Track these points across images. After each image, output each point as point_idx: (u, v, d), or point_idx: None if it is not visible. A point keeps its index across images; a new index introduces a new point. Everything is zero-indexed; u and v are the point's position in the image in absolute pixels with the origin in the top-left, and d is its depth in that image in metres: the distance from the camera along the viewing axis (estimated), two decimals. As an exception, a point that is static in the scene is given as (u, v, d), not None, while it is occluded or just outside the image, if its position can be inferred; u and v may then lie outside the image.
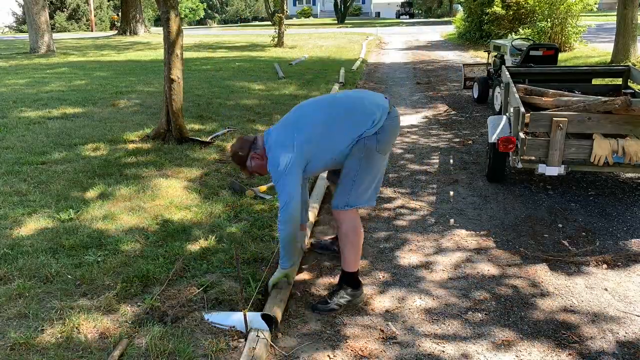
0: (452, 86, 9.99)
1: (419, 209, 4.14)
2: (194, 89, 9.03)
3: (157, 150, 5.34)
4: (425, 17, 52.27)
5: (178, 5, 5.62)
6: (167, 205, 3.93)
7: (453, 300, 2.85)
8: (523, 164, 4.05)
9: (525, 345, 2.47)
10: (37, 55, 15.90)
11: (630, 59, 10.19)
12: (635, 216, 3.89)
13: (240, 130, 6.22)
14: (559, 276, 3.08)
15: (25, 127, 6.28)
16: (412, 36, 24.34)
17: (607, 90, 5.66)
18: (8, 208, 3.83)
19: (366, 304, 2.82)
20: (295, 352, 2.42)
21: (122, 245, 3.27)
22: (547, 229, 3.71)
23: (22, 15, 34.53)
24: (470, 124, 6.92)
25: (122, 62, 14.02)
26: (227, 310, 2.62)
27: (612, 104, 3.78)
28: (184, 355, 2.28)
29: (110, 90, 9.06)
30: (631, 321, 2.64)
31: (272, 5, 32.51)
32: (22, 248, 3.19)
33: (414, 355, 2.41)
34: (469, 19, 19.46)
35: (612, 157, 3.84)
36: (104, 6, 40.22)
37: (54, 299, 2.67)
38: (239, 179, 4.44)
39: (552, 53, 6.90)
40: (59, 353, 2.27)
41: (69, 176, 4.53)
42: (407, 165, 5.25)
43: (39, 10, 16.03)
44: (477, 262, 3.26)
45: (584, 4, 13.25)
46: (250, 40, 22.15)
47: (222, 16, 67.51)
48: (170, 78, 5.40)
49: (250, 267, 3.03)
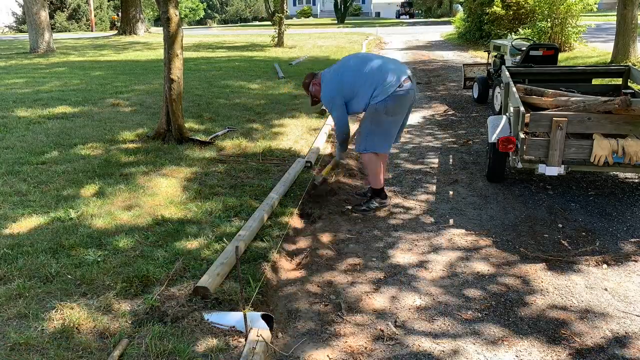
0: (451, 86, 9.99)
1: (418, 208, 4.14)
2: (194, 89, 9.03)
3: (156, 150, 5.34)
4: (425, 17, 52.25)
5: (178, 5, 5.62)
6: (167, 205, 3.93)
7: (452, 300, 2.85)
8: (523, 164, 4.05)
9: (526, 344, 2.47)
10: (37, 55, 15.89)
11: (630, 59, 10.19)
12: (635, 216, 3.89)
13: (240, 130, 6.22)
14: (559, 276, 3.08)
15: (25, 127, 6.27)
16: (412, 36, 24.34)
17: (607, 90, 5.66)
18: (8, 208, 3.82)
19: (367, 304, 2.82)
20: (294, 352, 2.43)
21: (122, 245, 3.27)
22: (547, 228, 3.71)
23: (22, 15, 34.53)
24: (470, 124, 6.92)
25: (121, 62, 14.02)
26: (227, 310, 2.62)
27: (612, 104, 3.78)
28: (183, 355, 2.28)
29: (110, 90, 9.05)
30: (631, 321, 2.64)
31: (272, 5, 32.49)
32: (22, 248, 3.18)
33: (413, 355, 2.41)
34: (469, 19, 19.46)
35: (612, 157, 3.84)
36: (104, 6, 40.21)
37: (54, 299, 2.67)
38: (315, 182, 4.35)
39: (552, 53, 6.90)
40: (59, 353, 2.27)
41: (69, 176, 4.53)
42: (407, 165, 5.25)
43: (39, 10, 16.04)
44: (476, 262, 3.27)
45: (584, 4, 13.24)
46: (250, 40, 22.15)
47: (222, 16, 67.45)
48: (170, 78, 5.40)
49: (250, 267, 3.03)
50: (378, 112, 3.66)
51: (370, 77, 3.67)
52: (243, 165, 4.92)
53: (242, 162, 5.04)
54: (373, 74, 3.68)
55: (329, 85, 3.83)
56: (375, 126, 3.73)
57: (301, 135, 6.07)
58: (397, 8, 55.05)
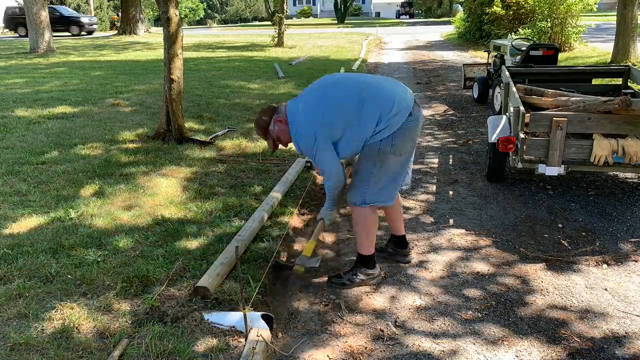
0: (451, 86, 9.99)
1: (418, 208, 4.14)
2: (194, 89, 9.03)
3: (156, 150, 5.34)
4: (425, 17, 52.26)
5: (178, 5, 5.62)
6: (167, 205, 3.93)
7: (452, 300, 2.85)
8: (523, 164, 4.05)
9: (526, 344, 2.47)
10: (37, 55, 15.89)
11: (630, 59, 10.19)
12: (635, 216, 3.89)
13: (240, 130, 6.22)
14: (559, 276, 3.08)
15: (25, 127, 6.27)
16: (412, 36, 24.34)
17: (607, 90, 5.66)
18: (8, 208, 3.83)
19: (367, 304, 2.82)
20: (294, 352, 2.43)
21: (122, 245, 3.27)
22: (547, 228, 3.71)
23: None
24: (470, 124, 6.92)
25: (121, 62, 14.02)
26: (227, 310, 2.62)
27: (612, 104, 3.78)
28: (183, 355, 2.28)
29: (109, 90, 9.05)
30: (631, 321, 2.64)
31: (272, 5, 32.48)
32: (22, 248, 3.18)
33: (413, 355, 2.41)
34: (469, 19, 19.46)
35: (612, 157, 3.84)
36: (104, 6, 40.18)
37: (54, 299, 2.67)
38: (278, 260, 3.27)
39: (552, 53, 6.90)
40: (59, 353, 2.27)
41: (69, 176, 4.53)
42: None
43: (39, 10, 16.03)
44: (476, 262, 3.26)
45: (584, 4, 13.24)
46: (250, 40, 22.15)
47: (222, 16, 67.47)
48: (170, 78, 5.40)
49: (250, 267, 3.03)
50: (383, 151, 2.68)
51: (372, 105, 2.64)
52: (243, 165, 4.92)
53: (242, 162, 5.04)
54: (373, 100, 2.65)
55: (308, 118, 2.67)
56: (380, 170, 2.73)
57: (301, 135, 6.06)
58: (397, 8, 55.06)
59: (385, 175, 2.76)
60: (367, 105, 2.63)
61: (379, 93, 2.68)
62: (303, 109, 2.71)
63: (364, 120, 2.64)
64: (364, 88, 2.70)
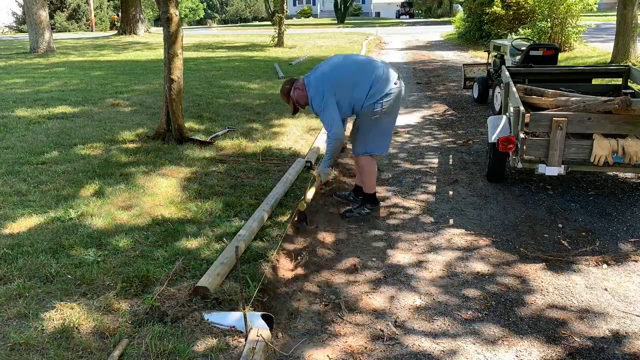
0: (451, 86, 9.99)
1: (417, 208, 4.14)
2: (194, 89, 9.03)
3: (156, 150, 5.34)
4: (425, 17, 52.26)
5: (178, 5, 5.62)
6: (167, 205, 3.93)
7: (452, 300, 2.85)
8: (523, 164, 4.05)
9: (525, 344, 2.47)
10: (37, 55, 15.89)
11: (630, 59, 10.19)
12: (635, 216, 3.89)
13: (240, 130, 6.22)
14: (558, 276, 3.08)
15: (25, 127, 6.27)
16: (412, 36, 24.34)
17: (607, 90, 5.66)
18: (8, 208, 3.83)
19: (366, 304, 2.82)
20: (294, 352, 2.43)
21: (122, 245, 3.27)
22: (547, 228, 3.71)
23: (22, 15, 34.52)
24: (470, 124, 6.92)
25: (121, 62, 14.02)
26: (227, 310, 2.62)
27: (612, 104, 3.78)
28: (183, 355, 2.28)
29: (109, 90, 9.05)
30: (631, 321, 2.64)
31: (272, 5, 32.50)
32: (22, 248, 3.18)
33: (413, 355, 2.41)
34: (469, 19, 19.46)
35: (612, 157, 3.84)
36: (104, 6, 40.20)
37: (54, 299, 2.67)
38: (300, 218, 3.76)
39: (552, 53, 6.90)
40: (59, 353, 2.27)
41: (69, 176, 4.53)
42: (406, 165, 5.25)
43: (39, 9, 16.03)
44: (476, 262, 3.27)
45: (584, 4, 13.24)
46: (250, 40, 22.15)
47: (222, 16, 67.45)
48: (170, 78, 5.40)
49: (250, 267, 3.03)
50: (377, 111, 3.59)
51: (366, 74, 3.58)
52: (243, 165, 4.92)
53: (242, 162, 5.04)
54: (367, 71, 3.60)
55: (319, 84, 3.61)
56: (375, 127, 3.67)
57: (301, 135, 6.07)
58: (397, 8, 55.05)
59: (378, 129, 3.70)
60: (362, 78, 3.57)
61: (371, 69, 3.62)
62: (314, 79, 3.65)
63: (358, 88, 3.57)
64: (360, 67, 3.68)
